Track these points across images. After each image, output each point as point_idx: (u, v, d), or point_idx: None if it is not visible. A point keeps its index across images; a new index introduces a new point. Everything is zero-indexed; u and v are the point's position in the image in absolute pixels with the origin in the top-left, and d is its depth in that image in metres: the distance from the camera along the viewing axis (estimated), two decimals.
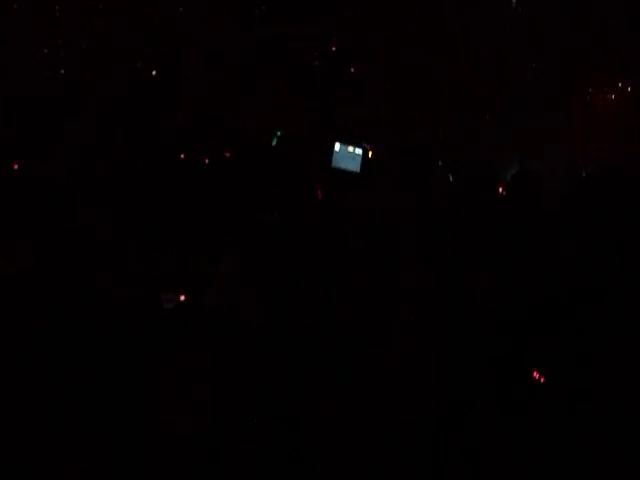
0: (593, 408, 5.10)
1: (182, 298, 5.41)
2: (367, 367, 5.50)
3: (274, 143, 8.91)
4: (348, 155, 5.57)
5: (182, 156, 8.54)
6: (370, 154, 5.76)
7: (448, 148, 8.74)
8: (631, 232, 6.40)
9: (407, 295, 5.86)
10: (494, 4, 9.74)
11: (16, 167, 7.79)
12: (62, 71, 9.80)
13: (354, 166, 5.39)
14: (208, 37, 9.91)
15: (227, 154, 8.84)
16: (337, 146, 5.36)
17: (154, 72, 10.22)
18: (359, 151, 5.46)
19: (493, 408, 5.25)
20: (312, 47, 9.92)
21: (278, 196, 6.55)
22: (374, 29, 9.51)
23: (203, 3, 9.98)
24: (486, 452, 5.08)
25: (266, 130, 8.99)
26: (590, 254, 6.24)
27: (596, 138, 10.51)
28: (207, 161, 8.53)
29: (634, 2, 9.26)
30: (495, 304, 5.86)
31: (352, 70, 9.60)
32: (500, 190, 7.49)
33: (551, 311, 5.71)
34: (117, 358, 5.29)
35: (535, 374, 5.32)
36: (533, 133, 10.08)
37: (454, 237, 6.43)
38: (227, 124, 9.20)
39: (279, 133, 8.48)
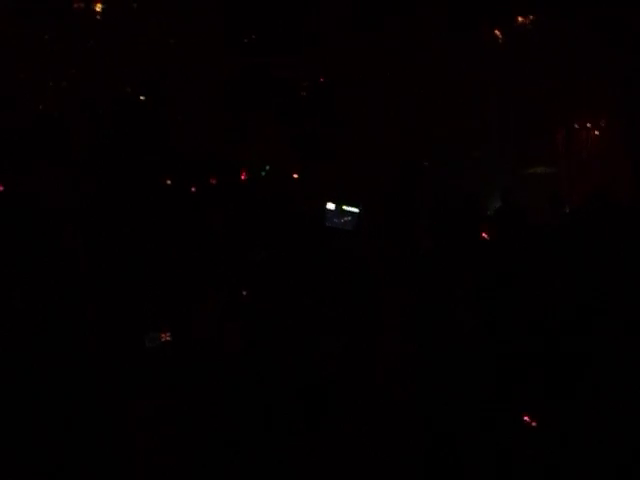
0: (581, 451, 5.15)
1: (165, 337, 5.43)
2: (349, 402, 5.53)
3: (263, 174, 8.95)
4: (343, 213, 5.53)
5: (168, 182, 8.57)
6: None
7: (433, 184, 8.79)
8: (618, 266, 6.46)
9: (392, 334, 5.89)
10: (479, 41, 9.84)
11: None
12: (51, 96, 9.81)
13: (349, 224, 5.32)
14: (196, 65, 9.95)
15: (213, 181, 8.88)
16: (330, 205, 5.33)
17: (142, 97, 10.24)
18: (354, 209, 5.41)
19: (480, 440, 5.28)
20: (300, 77, 9.97)
21: (265, 233, 6.58)
22: (362, 60, 9.56)
23: (192, 31, 10.02)
24: None
25: (253, 161, 9.03)
26: (576, 289, 6.30)
27: (579, 172, 10.63)
28: (193, 189, 8.57)
29: (616, 42, 9.41)
30: (481, 341, 5.90)
31: (338, 101, 9.65)
32: (484, 234, 7.56)
33: (540, 347, 5.75)
34: (98, 393, 5.31)
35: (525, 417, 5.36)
36: (516, 167, 10.16)
37: (438, 273, 6.47)
38: (214, 154, 9.24)
39: (267, 167, 8.51)
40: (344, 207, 5.40)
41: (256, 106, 9.77)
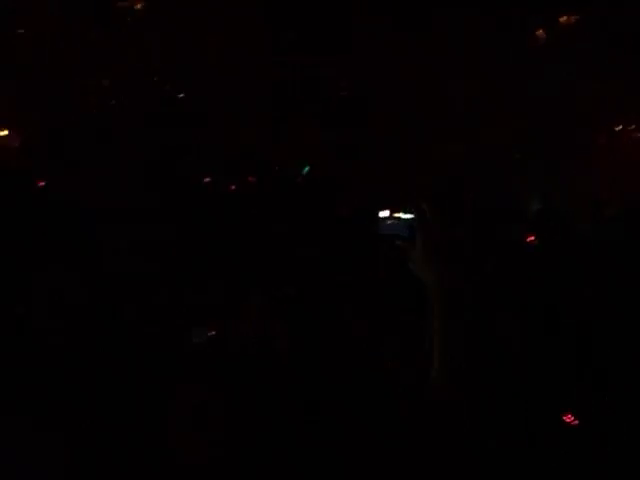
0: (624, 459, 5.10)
1: (212, 332, 5.45)
2: (395, 403, 5.51)
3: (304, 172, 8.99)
4: (395, 219, 5.56)
5: (206, 180, 8.61)
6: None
7: (474, 185, 8.73)
8: None
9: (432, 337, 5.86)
10: (522, 41, 9.76)
11: (42, 188, 7.90)
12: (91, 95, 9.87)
13: (403, 231, 5.34)
14: (236, 63, 9.97)
15: (251, 179, 8.91)
16: (384, 212, 5.34)
17: (181, 95, 10.29)
18: (408, 216, 5.42)
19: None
20: (341, 77, 9.95)
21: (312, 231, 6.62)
22: (405, 60, 9.50)
23: (232, 30, 10.05)
24: None
25: (292, 161, 9.04)
26: (616, 300, 6.24)
27: (622, 176, 10.48)
28: (233, 188, 8.60)
29: None
30: (519, 350, 5.87)
31: (380, 102, 9.60)
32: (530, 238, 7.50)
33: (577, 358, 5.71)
34: (144, 388, 5.32)
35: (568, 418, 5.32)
36: (555, 168, 10.01)
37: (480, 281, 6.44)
38: (254, 154, 9.25)
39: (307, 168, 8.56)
40: (397, 214, 5.40)
41: (296, 106, 9.77)
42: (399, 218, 5.64)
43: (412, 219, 5.63)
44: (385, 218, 5.58)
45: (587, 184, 10.16)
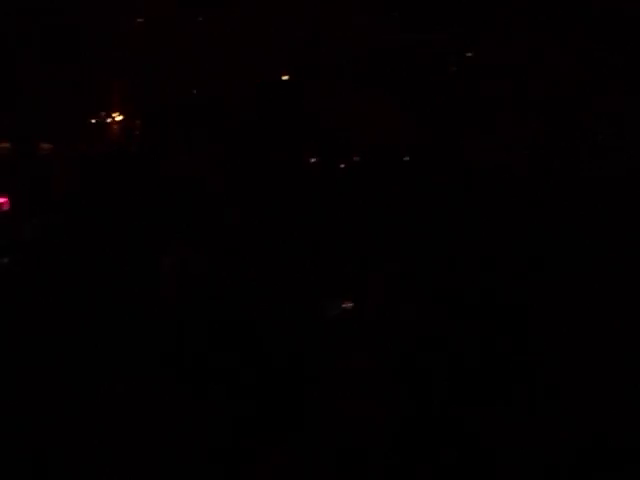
0: None
1: (345, 306, 5.65)
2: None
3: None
4: None
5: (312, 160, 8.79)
6: None
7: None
8: None
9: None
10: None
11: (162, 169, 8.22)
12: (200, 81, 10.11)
13: None
14: (343, 43, 10.03)
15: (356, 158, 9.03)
16: None
17: (285, 77, 10.45)
18: None
19: None
20: (446, 55, 9.92)
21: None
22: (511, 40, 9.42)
23: (338, 8, 10.10)
24: None
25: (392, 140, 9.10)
26: None
27: None
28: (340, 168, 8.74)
29: None
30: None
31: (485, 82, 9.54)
32: None
33: None
34: (286, 358, 5.58)
35: None
36: None
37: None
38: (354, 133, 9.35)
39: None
40: None
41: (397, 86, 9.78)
42: None
43: None
44: None
45: None
